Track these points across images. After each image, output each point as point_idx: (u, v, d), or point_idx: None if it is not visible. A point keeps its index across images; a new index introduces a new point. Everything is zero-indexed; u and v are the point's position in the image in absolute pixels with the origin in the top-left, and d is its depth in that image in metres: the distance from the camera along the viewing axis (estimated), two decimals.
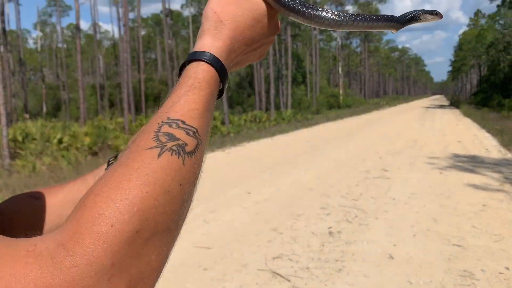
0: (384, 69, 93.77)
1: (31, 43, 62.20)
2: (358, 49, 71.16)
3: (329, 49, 63.81)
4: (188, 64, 0.53)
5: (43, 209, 0.70)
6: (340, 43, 58.74)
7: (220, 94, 0.55)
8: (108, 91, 39.10)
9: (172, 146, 0.44)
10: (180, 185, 0.42)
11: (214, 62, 0.52)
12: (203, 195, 6.55)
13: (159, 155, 0.42)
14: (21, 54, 32.35)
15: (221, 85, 0.54)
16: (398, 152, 11.06)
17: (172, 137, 0.44)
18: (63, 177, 9.16)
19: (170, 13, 41.64)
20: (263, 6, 0.57)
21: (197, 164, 0.46)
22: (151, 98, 37.53)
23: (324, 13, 0.56)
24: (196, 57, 0.52)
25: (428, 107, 44.30)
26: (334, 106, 42.15)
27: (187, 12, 53.47)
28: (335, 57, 60.05)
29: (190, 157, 0.44)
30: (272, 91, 29.61)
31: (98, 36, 43.81)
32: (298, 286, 3.49)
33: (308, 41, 46.96)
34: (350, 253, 4.18)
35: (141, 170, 0.41)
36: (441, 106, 47.74)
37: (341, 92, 47.19)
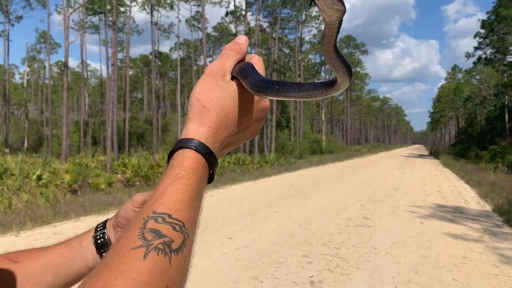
0: (365, 117, 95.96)
1: (17, 78, 62.13)
2: (341, 97, 73.02)
3: None
4: (175, 152, 0.53)
5: (22, 275, 0.66)
6: None
7: (210, 179, 0.56)
8: (92, 128, 38.88)
9: (158, 244, 0.42)
10: (167, 286, 0.41)
11: (200, 148, 0.52)
12: None
13: (144, 256, 0.41)
14: (6, 89, 32.21)
15: (211, 170, 0.55)
16: (379, 200, 11.14)
17: (158, 234, 0.43)
18: (39, 215, 8.91)
19: (159, 54, 42.39)
20: (245, 91, 0.58)
21: (185, 261, 0.45)
22: (135, 137, 37.42)
23: (292, 91, 0.56)
24: (182, 144, 0.53)
25: (408, 156, 45.12)
26: (317, 151, 42.62)
27: (175, 55, 54.53)
28: (319, 104, 61.38)
29: (177, 254, 0.43)
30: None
31: (86, 74, 44.09)
32: None
33: None
34: None
35: (127, 274, 0.39)
36: (421, 156, 48.67)
37: (324, 138, 47.90)
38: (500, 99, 39.69)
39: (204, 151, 0.52)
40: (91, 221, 8.32)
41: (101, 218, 8.56)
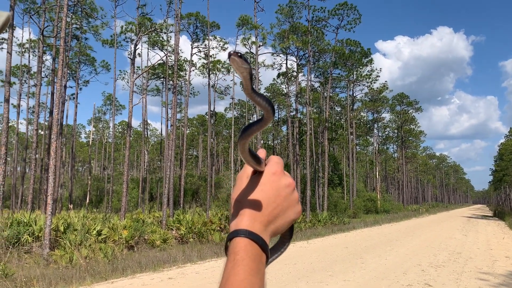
0: (422, 176, 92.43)
1: (83, 137, 66.64)
2: (395, 155, 71.28)
3: (366, 153, 64.27)
4: (229, 242, 0.63)
5: None
6: (377, 148, 59.24)
7: (267, 260, 0.64)
8: (150, 184, 40.32)
9: None
10: None
11: (243, 232, 0.62)
12: None
13: None
14: (73, 147, 34.58)
15: (262, 249, 0.63)
16: (441, 265, 10.49)
17: None
18: (98, 270, 9.21)
19: (214, 114, 44.14)
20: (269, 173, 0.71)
21: None
22: (190, 193, 38.26)
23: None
24: (230, 237, 0.63)
25: (470, 217, 42.43)
26: (372, 211, 41.23)
27: (229, 114, 56.49)
28: (372, 161, 60.20)
29: None
30: (308, 192, 29.58)
31: (146, 132, 46.58)
32: None
33: (344, 144, 47.76)
34: None
35: None
36: (484, 217, 45.60)
37: (378, 196, 46.42)
38: None
39: (247, 233, 0.62)
40: (147, 278, 8.47)
41: (156, 276, 8.71)
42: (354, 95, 46.95)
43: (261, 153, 0.72)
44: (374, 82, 44.09)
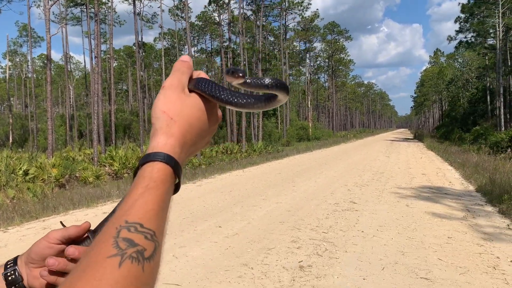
0: (351, 103, 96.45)
1: None
2: (326, 84, 73.23)
3: (299, 83, 65.33)
4: (143, 165, 0.55)
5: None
6: (309, 78, 60.31)
7: (176, 188, 0.58)
8: (78, 121, 38.42)
9: (131, 253, 0.45)
10: None
11: (169, 160, 0.55)
12: (172, 229, 6.49)
13: (120, 264, 0.44)
14: None
15: (177, 180, 0.57)
16: (365, 184, 11.31)
17: (131, 243, 0.46)
18: (27, 210, 8.85)
19: (142, 45, 41.88)
20: (202, 101, 0.63)
21: (156, 268, 0.48)
22: (121, 129, 37.12)
23: (236, 99, 0.63)
24: (150, 158, 0.55)
25: (393, 140, 45.61)
26: (304, 139, 42.85)
27: (159, 45, 53.90)
28: (304, 91, 61.47)
29: (149, 262, 0.46)
30: (244, 123, 29.90)
31: (69, 66, 43.41)
32: None
33: (278, 75, 48.01)
34: None
35: (105, 282, 0.42)
36: (406, 139, 49.26)
37: (310, 124, 48.12)
38: (482, 82, 40.24)
39: (172, 163, 0.55)
40: (80, 214, 8.31)
41: (90, 211, 8.56)
42: (287, 24, 46.50)
43: (186, 58, 0.67)
44: (306, 10, 43.84)
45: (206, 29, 45.55)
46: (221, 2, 35.84)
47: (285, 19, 45.57)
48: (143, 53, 45.02)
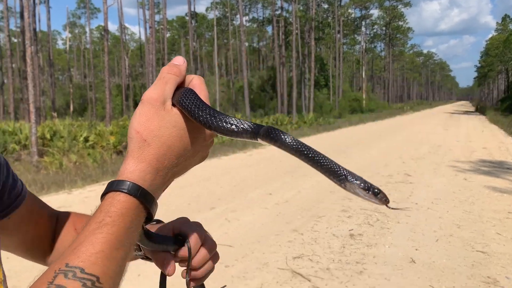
0: (408, 74, 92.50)
1: (60, 44, 63.94)
2: (382, 53, 70.45)
3: (353, 53, 63.35)
4: (105, 195, 0.49)
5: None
6: (364, 47, 58.27)
7: (148, 218, 0.52)
8: (133, 91, 39.80)
9: None
10: None
11: (133, 191, 0.48)
12: (224, 195, 6.64)
13: None
14: (51, 54, 33.25)
15: (148, 210, 0.50)
16: (421, 158, 10.92)
17: None
18: (88, 174, 9.39)
19: (195, 15, 42.13)
20: (186, 117, 0.54)
21: None
22: None
23: (225, 124, 0.53)
24: (113, 188, 0.48)
25: (452, 113, 43.47)
26: (357, 111, 41.82)
27: (211, 15, 54.06)
28: (359, 61, 59.58)
29: None
30: (295, 94, 29.61)
31: (124, 37, 44.70)
32: (318, 286, 3.52)
33: (331, 44, 46.75)
34: (371, 256, 4.17)
35: None
36: (466, 112, 46.77)
37: (364, 96, 46.80)
38: None
39: (138, 193, 0.48)
40: None
41: None
42: None
43: (179, 60, 0.56)
44: None
45: None
46: None
47: None
48: (196, 24, 45.35)
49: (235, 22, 51.18)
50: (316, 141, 15.83)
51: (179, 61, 0.55)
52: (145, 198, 0.49)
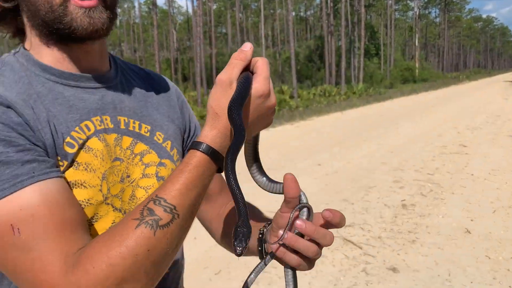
0: (465, 41, 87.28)
1: None
2: (437, 20, 66.70)
3: (405, 20, 60.50)
4: (189, 151, 0.65)
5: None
6: (417, 13, 55.43)
7: (219, 170, 0.66)
8: (182, 65, 40.44)
9: (148, 220, 0.58)
10: (148, 250, 0.57)
11: (206, 150, 0.63)
12: (272, 165, 6.72)
13: (136, 226, 0.57)
14: None
15: (216, 165, 0.65)
16: (478, 128, 10.43)
17: (151, 212, 0.58)
18: None
19: None
20: (252, 94, 0.66)
21: (170, 236, 0.59)
22: None
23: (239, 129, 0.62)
24: (193, 146, 0.64)
25: None
26: (409, 80, 40.25)
27: None
28: (412, 28, 56.87)
29: (162, 229, 0.58)
30: (343, 64, 28.91)
31: (172, 11, 45.18)
32: (370, 254, 3.54)
33: (382, 11, 44.89)
34: (424, 226, 4.12)
35: (122, 236, 0.57)
36: None
37: (417, 65, 44.84)
38: None
39: (209, 152, 0.63)
40: None
41: None
42: None
43: (247, 46, 0.67)
44: None
45: None
46: None
47: None
48: None
49: None
50: (366, 112, 15.49)
51: (246, 47, 0.67)
52: (214, 156, 0.64)
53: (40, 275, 0.55)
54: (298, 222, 0.66)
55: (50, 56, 0.72)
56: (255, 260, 0.73)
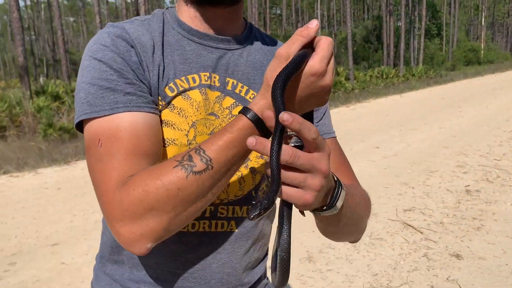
0: None
1: (167, 2, 66.88)
2: None
3: None
4: (238, 113, 0.68)
5: None
6: None
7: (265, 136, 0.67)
8: None
9: (185, 164, 0.64)
10: (178, 189, 0.63)
11: (251, 117, 0.65)
12: None
13: (174, 166, 0.64)
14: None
15: (259, 132, 0.66)
16: None
17: (190, 159, 0.64)
18: None
19: None
20: (305, 70, 0.65)
21: (201, 181, 0.64)
22: None
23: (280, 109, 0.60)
24: (242, 111, 0.67)
25: None
26: (473, 62, 37.98)
27: None
28: (478, 6, 53.33)
29: (195, 175, 0.63)
30: (402, 45, 27.72)
31: None
32: (431, 239, 3.44)
33: None
34: (490, 213, 3.93)
35: (162, 171, 0.64)
36: None
37: (482, 46, 42.14)
38: None
39: (254, 119, 0.65)
40: None
41: None
42: None
43: (313, 23, 0.67)
44: None
45: None
46: None
47: None
48: None
49: None
50: (426, 95, 14.85)
51: (312, 24, 0.66)
52: (257, 123, 0.65)
53: (102, 185, 0.68)
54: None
55: (186, 14, 0.83)
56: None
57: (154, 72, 0.77)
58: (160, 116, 0.77)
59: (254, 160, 0.86)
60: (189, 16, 0.83)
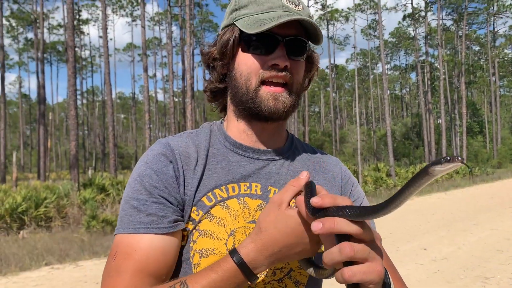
0: None
1: None
2: None
3: None
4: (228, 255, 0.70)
5: None
6: None
7: (250, 280, 0.70)
8: None
9: None
10: None
11: (237, 260, 0.68)
12: None
13: None
14: (205, 110, 36.83)
15: (244, 276, 0.68)
16: None
17: None
18: None
19: (335, 67, 43.04)
20: (297, 218, 0.67)
21: None
22: None
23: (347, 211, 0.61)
24: (230, 252, 0.70)
25: None
26: None
27: (351, 66, 54.59)
28: None
29: None
30: (444, 142, 27.47)
31: None
32: None
33: (485, 87, 42.80)
34: None
35: None
36: None
37: None
38: None
39: (238, 262, 0.68)
40: None
41: None
42: (496, 30, 41.30)
43: (303, 174, 0.72)
44: None
45: (400, 45, 44.09)
46: (416, 15, 34.21)
47: (493, 24, 40.53)
48: (335, 75, 46.20)
49: (375, 71, 50.68)
50: (472, 193, 14.26)
51: (302, 175, 0.71)
52: (242, 267, 0.68)
53: None
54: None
55: (235, 128, 0.89)
56: None
57: (193, 183, 0.82)
58: (197, 226, 0.81)
59: (297, 271, 0.86)
60: (238, 130, 0.89)
